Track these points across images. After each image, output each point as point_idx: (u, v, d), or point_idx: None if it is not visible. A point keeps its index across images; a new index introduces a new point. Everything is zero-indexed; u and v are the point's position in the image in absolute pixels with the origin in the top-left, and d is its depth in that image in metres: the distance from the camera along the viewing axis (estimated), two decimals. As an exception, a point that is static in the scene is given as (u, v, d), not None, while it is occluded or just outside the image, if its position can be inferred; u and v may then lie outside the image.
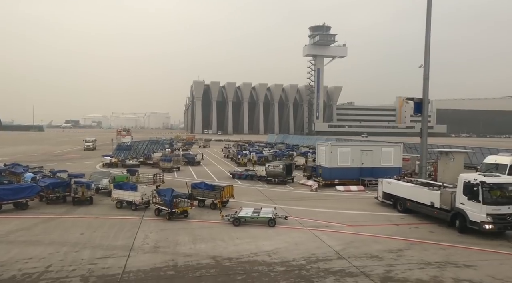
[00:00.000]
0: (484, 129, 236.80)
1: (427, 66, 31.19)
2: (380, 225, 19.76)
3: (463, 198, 17.91)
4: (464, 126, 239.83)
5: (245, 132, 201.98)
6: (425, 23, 30.65)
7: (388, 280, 12.52)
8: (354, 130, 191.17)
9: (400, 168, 32.43)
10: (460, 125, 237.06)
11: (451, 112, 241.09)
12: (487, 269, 13.50)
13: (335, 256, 14.77)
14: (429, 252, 15.34)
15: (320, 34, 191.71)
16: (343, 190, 29.35)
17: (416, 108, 31.76)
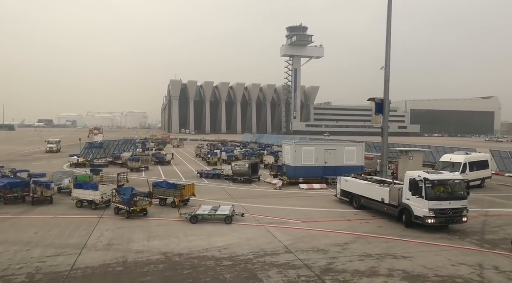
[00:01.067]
0: (455, 129, 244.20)
1: (387, 68, 32.35)
2: (334, 220, 20.56)
3: (409, 194, 18.87)
4: (436, 126, 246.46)
5: (222, 131, 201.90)
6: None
7: (328, 271, 13.21)
8: (331, 129, 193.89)
9: (362, 167, 33.47)
10: (433, 125, 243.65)
11: (424, 113, 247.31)
12: (421, 260, 14.39)
13: (283, 250, 15.40)
14: (372, 245, 16.17)
15: (297, 34, 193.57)
16: (306, 188, 30.13)
17: (377, 108, 32.86)
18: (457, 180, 18.91)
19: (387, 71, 32.35)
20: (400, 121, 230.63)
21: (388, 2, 31.49)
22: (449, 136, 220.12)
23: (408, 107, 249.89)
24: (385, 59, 32.17)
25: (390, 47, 31.99)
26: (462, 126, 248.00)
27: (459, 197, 18.36)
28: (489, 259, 14.66)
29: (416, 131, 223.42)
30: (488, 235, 17.99)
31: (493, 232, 18.57)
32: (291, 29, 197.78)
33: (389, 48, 31.95)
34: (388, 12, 31.75)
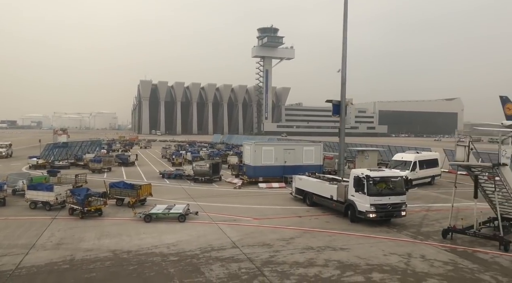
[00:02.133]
0: (421, 129, 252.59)
1: (344, 72, 33.71)
2: (285, 217, 21.45)
3: (353, 190, 20.01)
4: (404, 127, 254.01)
5: (194, 132, 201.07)
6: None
7: (268, 263, 14.00)
8: (302, 130, 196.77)
9: (321, 166, 34.69)
10: (400, 125, 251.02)
11: (392, 114, 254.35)
12: (357, 251, 15.43)
13: (230, 246, 16.09)
14: (316, 239, 17.12)
15: (268, 35, 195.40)
16: (265, 187, 31.01)
17: (334, 109, 34.14)
18: (397, 177, 20.21)
19: (343, 75, 33.70)
20: (369, 122, 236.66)
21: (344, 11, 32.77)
22: (415, 136, 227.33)
23: (377, 109, 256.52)
24: (342, 63, 33.50)
25: (346, 52, 33.32)
26: (427, 127, 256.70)
27: (398, 193, 19.64)
28: (419, 249, 15.89)
29: (384, 132, 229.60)
30: (424, 228, 19.33)
31: (430, 225, 19.93)
32: (262, 30, 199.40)
33: (345, 53, 33.27)
34: (344, 18, 33.01)
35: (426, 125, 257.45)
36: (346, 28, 32.96)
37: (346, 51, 33.33)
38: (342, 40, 33.18)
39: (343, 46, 33.16)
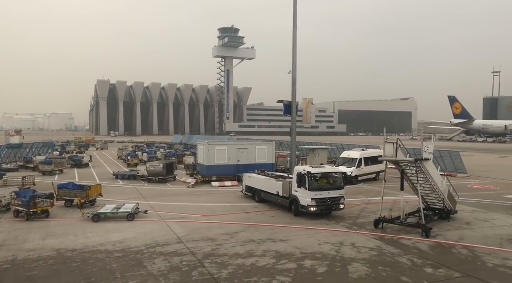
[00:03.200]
0: (378, 128, 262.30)
1: (294, 72, 35.06)
2: (233, 213, 22.34)
3: (296, 186, 21.23)
4: (362, 125, 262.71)
5: (154, 133, 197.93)
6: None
7: (209, 256, 14.81)
8: (264, 130, 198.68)
9: (273, 164, 35.89)
10: (358, 124, 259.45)
11: (351, 113, 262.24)
12: (295, 242, 16.58)
13: (175, 241, 16.75)
14: (258, 232, 18.13)
15: (228, 35, 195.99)
16: (218, 186, 31.77)
17: (285, 109, 35.33)
18: (336, 173, 21.66)
19: (294, 75, 35.01)
20: (329, 121, 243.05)
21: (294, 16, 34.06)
22: (373, 134, 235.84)
23: (336, 108, 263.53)
24: (292, 64, 34.80)
25: (296, 54, 34.65)
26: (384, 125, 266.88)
27: (337, 187, 21.06)
28: (351, 238, 17.29)
29: (343, 131, 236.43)
30: (361, 219, 20.86)
31: (366, 216, 21.49)
32: (222, 30, 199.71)
33: (295, 55, 34.60)
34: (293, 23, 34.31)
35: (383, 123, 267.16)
36: (295, 34, 34.28)
37: (296, 53, 34.67)
38: (292, 43, 34.48)
39: (293, 49, 34.46)
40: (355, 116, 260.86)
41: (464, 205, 24.18)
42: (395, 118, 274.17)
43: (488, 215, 21.98)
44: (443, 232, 18.26)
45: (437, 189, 19.75)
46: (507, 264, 14.01)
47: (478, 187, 32.96)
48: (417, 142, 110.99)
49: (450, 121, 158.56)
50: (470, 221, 20.64)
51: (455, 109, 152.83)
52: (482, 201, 26.29)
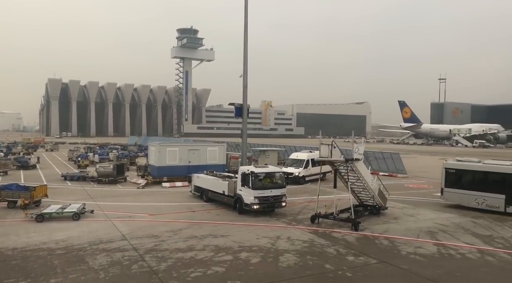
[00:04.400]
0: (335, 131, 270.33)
1: (245, 76, 36.25)
2: (180, 212, 23.07)
3: (240, 185, 22.36)
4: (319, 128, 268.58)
5: (110, 134, 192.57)
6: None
7: (151, 251, 15.55)
8: (223, 132, 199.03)
9: (224, 165, 36.86)
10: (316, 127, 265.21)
11: (309, 116, 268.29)
12: (235, 237, 17.66)
13: (119, 238, 17.30)
14: (202, 229, 19.04)
15: (187, 37, 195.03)
16: (169, 186, 32.30)
17: (236, 112, 36.40)
18: (278, 172, 23.03)
19: (245, 79, 36.19)
20: (287, 124, 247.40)
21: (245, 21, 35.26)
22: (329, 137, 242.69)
23: (295, 111, 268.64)
24: (243, 68, 35.97)
25: (247, 58, 35.87)
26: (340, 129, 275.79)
27: (279, 186, 22.41)
28: (288, 232, 18.64)
29: (302, 133, 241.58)
30: (301, 216, 22.31)
31: (306, 213, 22.93)
32: (181, 31, 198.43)
33: (246, 59, 35.82)
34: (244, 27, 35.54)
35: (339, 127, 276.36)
36: (246, 39, 35.47)
37: (247, 58, 35.87)
38: (243, 48, 35.64)
39: (244, 54, 35.59)
40: (313, 119, 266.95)
41: (396, 202, 26.38)
42: (351, 121, 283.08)
43: (415, 211, 24.19)
44: (371, 226, 20.06)
45: (368, 187, 21.62)
46: (418, 252, 15.86)
47: (413, 186, 35.68)
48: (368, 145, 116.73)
49: (400, 125, 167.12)
50: (398, 216, 22.68)
51: (405, 114, 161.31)
52: (413, 199, 28.70)
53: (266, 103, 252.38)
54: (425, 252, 15.85)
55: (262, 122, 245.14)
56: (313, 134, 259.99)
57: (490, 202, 23.47)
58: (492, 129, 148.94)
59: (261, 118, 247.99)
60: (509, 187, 23.06)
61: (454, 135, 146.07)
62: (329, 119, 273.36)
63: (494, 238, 18.08)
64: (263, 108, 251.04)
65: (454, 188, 25.15)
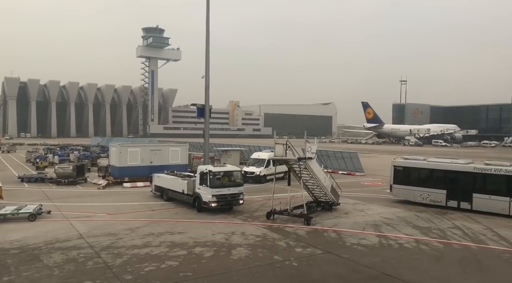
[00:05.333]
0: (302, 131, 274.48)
1: (207, 77, 36.85)
2: (139, 211, 23.42)
3: (199, 184, 23.03)
4: (287, 128, 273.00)
5: (72, 135, 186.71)
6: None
7: (107, 248, 15.97)
8: (190, 132, 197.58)
9: (186, 165, 37.28)
10: (283, 127, 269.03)
11: (277, 116, 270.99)
12: (191, 233, 18.33)
13: (76, 237, 17.56)
14: (160, 227, 19.57)
15: (153, 36, 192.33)
16: (130, 187, 32.42)
17: (199, 113, 36.96)
18: (235, 171, 23.88)
19: (207, 80, 36.80)
20: (255, 124, 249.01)
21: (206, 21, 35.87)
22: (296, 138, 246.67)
23: (262, 111, 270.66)
24: (205, 69, 36.57)
25: (209, 60, 36.49)
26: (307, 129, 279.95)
27: (237, 184, 23.24)
28: (243, 228, 19.52)
29: (269, 134, 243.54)
30: (258, 213, 23.23)
31: (264, 210, 23.75)
32: (147, 30, 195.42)
33: (208, 60, 36.45)
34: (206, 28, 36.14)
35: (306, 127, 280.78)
36: (208, 40, 36.12)
37: (209, 59, 36.51)
38: (206, 50, 36.23)
39: (206, 55, 36.20)
40: (280, 120, 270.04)
41: (350, 198, 27.91)
42: (317, 122, 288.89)
43: (365, 206, 25.73)
44: (322, 221, 21.30)
45: (321, 184, 22.89)
46: (361, 243, 17.17)
47: (368, 184, 37.54)
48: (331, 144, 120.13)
49: (364, 125, 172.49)
50: (349, 211, 24.09)
51: (368, 114, 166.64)
52: (366, 195, 30.36)
53: (234, 103, 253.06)
54: (367, 243, 17.18)
55: (229, 122, 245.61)
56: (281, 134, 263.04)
57: (433, 197, 25.37)
58: (449, 129, 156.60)
59: (229, 118, 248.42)
60: (449, 183, 25.06)
61: (414, 135, 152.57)
62: (296, 119, 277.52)
63: (432, 230, 19.73)
64: (230, 108, 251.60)
65: (401, 185, 26.92)
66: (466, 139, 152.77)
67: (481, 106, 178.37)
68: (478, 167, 24.36)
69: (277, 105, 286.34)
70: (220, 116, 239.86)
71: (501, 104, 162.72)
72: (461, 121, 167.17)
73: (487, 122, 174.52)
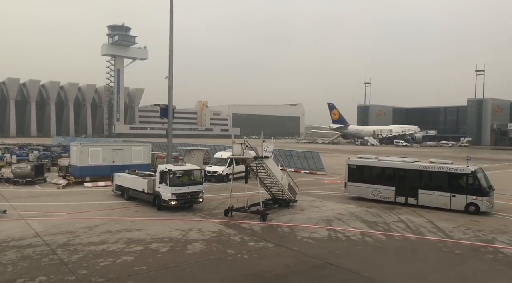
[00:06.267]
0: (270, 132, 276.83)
1: (171, 77, 37.14)
2: (99, 210, 23.57)
3: (159, 183, 23.48)
4: (255, 129, 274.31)
5: (33, 135, 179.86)
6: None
7: (64, 245, 16.21)
8: (157, 132, 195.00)
9: (149, 165, 37.38)
10: (252, 127, 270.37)
11: (245, 117, 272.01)
12: (149, 230, 18.81)
13: (32, 236, 17.63)
14: (119, 225, 19.90)
15: (119, 34, 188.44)
16: (91, 186, 32.28)
17: (162, 113, 37.22)
18: (195, 170, 24.51)
19: (170, 80, 37.10)
20: (223, 124, 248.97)
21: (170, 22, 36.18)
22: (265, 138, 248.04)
23: (231, 111, 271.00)
24: (169, 69, 36.85)
25: (172, 60, 36.79)
26: (276, 129, 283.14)
27: (196, 183, 23.87)
28: (200, 225, 20.19)
29: (237, 134, 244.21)
30: (217, 210, 23.92)
31: (222, 208, 24.40)
32: (112, 28, 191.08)
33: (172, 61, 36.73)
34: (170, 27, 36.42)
35: (274, 127, 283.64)
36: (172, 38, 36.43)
37: (172, 59, 36.81)
38: (169, 50, 36.52)
39: (170, 55, 36.51)
40: (249, 120, 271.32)
41: (308, 196, 29.13)
42: (286, 122, 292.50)
43: (321, 203, 26.99)
44: (278, 217, 22.29)
45: (278, 182, 23.91)
46: (312, 236, 18.28)
47: (328, 182, 39.04)
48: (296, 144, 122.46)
49: (330, 126, 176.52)
50: (305, 208, 25.23)
51: (334, 115, 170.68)
52: (324, 193, 31.72)
53: (202, 103, 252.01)
54: (317, 236, 18.31)
55: (197, 122, 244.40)
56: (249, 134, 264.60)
57: (383, 194, 26.99)
58: (410, 130, 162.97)
59: (197, 118, 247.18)
60: (398, 180, 26.76)
61: (378, 135, 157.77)
62: (264, 120, 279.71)
63: (378, 223, 21.16)
64: (198, 108, 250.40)
65: (355, 182, 28.44)
66: (426, 139, 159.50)
67: (440, 107, 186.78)
68: (423, 165, 26.19)
69: (245, 105, 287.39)
70: (188, 116, 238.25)
71: (458, 106, 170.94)
72: (422, 122, 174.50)
73: (446, 123, 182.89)
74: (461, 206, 23.99)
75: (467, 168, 24.23)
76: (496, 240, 18.10)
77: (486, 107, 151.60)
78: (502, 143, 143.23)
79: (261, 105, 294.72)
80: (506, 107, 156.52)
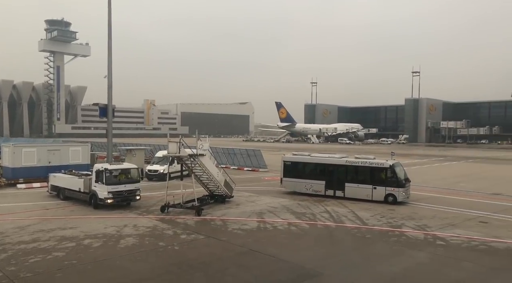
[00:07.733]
0: (219, 130, 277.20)
1: (110, 77, 36.86)
2: (33, 211, 23.26)
3: (95, 182, 23.68)
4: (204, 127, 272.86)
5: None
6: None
7: (-7, 246, 16.20)
8: (101, 132, 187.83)
9: (88, 165, 36.84)
10: (201, 126, 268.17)
11: (194, 115, 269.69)
12: (83, 228, 19.11)
13: (-43, 238, 17.33)
14: (52, 224, 19.94)
15: (58, 29, 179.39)
16: (25, 188, 31.41)
17: (101, 112, 36.82)
18: (132, 168, 24.96)
19: (109, 79, 36.81)
20: (171, 123, 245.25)
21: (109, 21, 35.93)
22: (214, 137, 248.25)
23: (179, 110, 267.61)
24: (108, 68, 36.55)
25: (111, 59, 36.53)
26: (225, 128, 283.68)
27: (133, 181, 24.36)
28: (136, 221, 20.79)
29: (186, 133, 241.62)
30: (153, 207, 24.47)
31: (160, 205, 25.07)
32: (51, 22, 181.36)
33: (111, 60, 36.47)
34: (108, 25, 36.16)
35: (224, 126, 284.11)
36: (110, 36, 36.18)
37: (111, 58, 36.58)
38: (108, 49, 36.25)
39: (109, 54, 36.26)
40: (197, 119, 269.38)
41: (246, 192, 30.53)
42: (235, 121, 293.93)
43: (257, 198, 28.46)
44: (213, 212, 23.40)
45: (214, 179, 24.99)
46: (242, 228, 19.60)
47: (268, 179, 40.74)
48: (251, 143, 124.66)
49: (278, 125, 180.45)
50: (241, 202, 26.54)
51: (281, 114, 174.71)
52: (262, 188, 33.29)
53: (149, 102, 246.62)
54: (247, 228, 19.66)
55: (145, 122, 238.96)
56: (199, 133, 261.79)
57: (315, 188, 29.01)
58: (354, 128, 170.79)
59: (144, 118, 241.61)
60: (327, 174, 28.90)
61: (324, 134, 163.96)
62: (214, 118, 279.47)
63: (306, 214, 22.96)
64: (145, 107, 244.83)
65: (290, 178, 30.26)
66: (368, 137, 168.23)
67: (381, 107, 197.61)
68: (349, 160, 28.53)
69: (194, 104, 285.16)
70: (135, 115, 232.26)
71: (397, 105, 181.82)
72: (364, 120, 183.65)
73: (386, 121, 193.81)
74: (381, 197, 26.54)
75: (386, 163, 26.83)
76: (404, 225, 20.50)
77: (422, 106, 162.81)
78: (436, 140, 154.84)
79: (210, 103, 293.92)
80: (439, 106, 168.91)
